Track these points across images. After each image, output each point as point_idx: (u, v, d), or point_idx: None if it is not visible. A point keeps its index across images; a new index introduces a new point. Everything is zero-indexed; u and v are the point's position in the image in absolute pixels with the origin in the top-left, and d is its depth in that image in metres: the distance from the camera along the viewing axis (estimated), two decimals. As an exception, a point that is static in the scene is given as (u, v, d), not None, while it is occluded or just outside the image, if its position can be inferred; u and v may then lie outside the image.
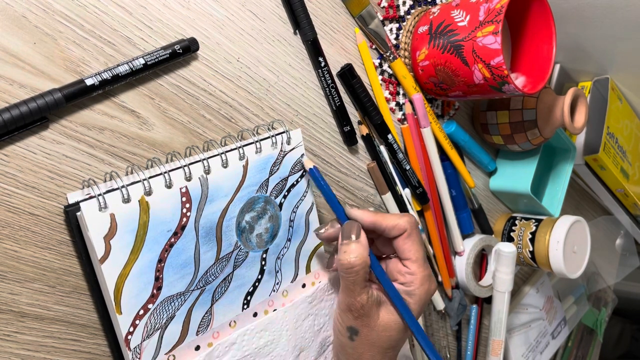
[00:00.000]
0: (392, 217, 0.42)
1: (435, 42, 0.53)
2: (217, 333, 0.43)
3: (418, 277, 0.42)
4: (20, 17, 0.33)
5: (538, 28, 0.55)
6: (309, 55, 0.49)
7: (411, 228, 0.42)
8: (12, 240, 0.34)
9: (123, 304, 0.36)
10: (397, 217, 0.42)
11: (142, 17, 0.38)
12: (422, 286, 0.42)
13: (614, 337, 1.43)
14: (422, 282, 0.42)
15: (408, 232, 0.42)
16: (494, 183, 0.69)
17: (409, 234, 0.42)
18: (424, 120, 0.56)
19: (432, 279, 0.43)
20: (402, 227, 0.42)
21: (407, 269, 0.42)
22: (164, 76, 0.40)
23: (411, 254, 0.42)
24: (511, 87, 0.50)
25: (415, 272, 0.42)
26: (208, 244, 0.41)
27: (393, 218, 0.42)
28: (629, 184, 0.78)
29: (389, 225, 0.42)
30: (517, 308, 0.76)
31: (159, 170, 0.38)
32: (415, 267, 0.42)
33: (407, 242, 0.42)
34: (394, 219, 0.42)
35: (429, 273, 0.43)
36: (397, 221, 0.42)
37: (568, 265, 0.64)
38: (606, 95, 0.73)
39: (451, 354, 0.67)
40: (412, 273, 0.42)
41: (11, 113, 0.32)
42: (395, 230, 0.42)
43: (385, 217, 0.42)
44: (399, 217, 0.42)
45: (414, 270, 0.42)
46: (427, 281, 0.42)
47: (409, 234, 0.42)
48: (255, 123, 0.46)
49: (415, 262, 0.42)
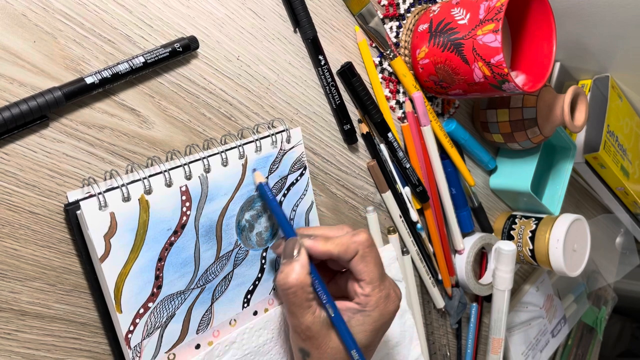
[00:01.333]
0: (342, 241, 0.40)
1: (435, 41, 0.53)
2: (217, 332, 0.43)
3: (373, 299, 0.40)
4: (20, 16, 0.33)
5: (538, 26, 0.55)
6: (309, 53, 0.49)
7: (363, 249, 0.40)
8: (12, 239, 0.34)
9: (123, 303, 0.37)
10: (347, 240, 0.40)
11: (142, 15, 0.38)
12: (377, 308, 0.40)
13: (613, 335, 1.43)
14: (376, 303, 0.40)
15: (360, 253, 0.40)
16: (494, 181, 0.69)
17: (361, 255, 0.40)
18: (424, 119, 0.56)
19: (390, 300, 0.41)
20: (353, 249, 0.40)
21: (361, 290, 0.40)
22: (164, 74, 0.40)
23: (364, 276, 0.40)
24: (511, 85, 0.50)
25: (370, 293, 0.40)
26: (208, 243, 0.41)
27: (343, 241, 0.40)
28: (629, 183, 0.78)
29: (340, 250, 0.40)
30: (517, 306, 0.76)
31: (159, 169, 0.38)
32: (369, 289, 0.40)
33: (360, 263, 0.40)
34: (344, 242, 0.40)
35: (387, 293, 0.41)
36: (347, 244, 0.40)
37: (568, 264, 0.64)
38: (606, 94, 0.73)
39: (451, 352, 0.67)
40: (366, 295, 0.40)
41: (11, 111, 0.32)
42: (347, 254, 0.40)
43: (336, 243, 0.40)
44: (350, 239, 0.40)
45: (368, 292, 0.40)
46: (384, 302, 0.40)
47: (362, 256, 0.40)
48: (255, 121, 0.46)
49: (369, 284, 0.40)
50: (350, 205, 0.54)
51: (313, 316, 0.39)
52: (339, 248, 0.40)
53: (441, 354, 0.65)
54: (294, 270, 0.38)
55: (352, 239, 0.40)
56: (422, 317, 0.62)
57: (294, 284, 0.38)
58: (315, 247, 0.40)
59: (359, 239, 0.40)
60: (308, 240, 0.40)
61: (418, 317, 0.59)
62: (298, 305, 0.38)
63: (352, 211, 0.54)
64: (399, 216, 0.56)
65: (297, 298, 0.38)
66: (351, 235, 0.40)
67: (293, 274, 0.38)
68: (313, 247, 0.40)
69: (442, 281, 0.62)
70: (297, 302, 0.38)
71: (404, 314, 0.55)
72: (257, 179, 0.43)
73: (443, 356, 0.65)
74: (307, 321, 0.39)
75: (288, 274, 0.38)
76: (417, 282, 0.60)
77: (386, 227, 0.57)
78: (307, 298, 0.38)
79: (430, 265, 0.60)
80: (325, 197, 0.51)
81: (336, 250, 0.40)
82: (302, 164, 0.47)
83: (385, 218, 0.57)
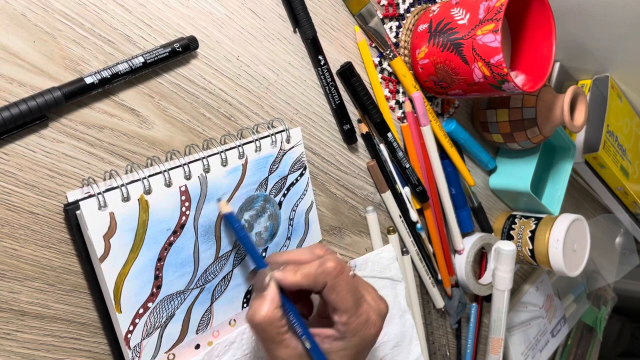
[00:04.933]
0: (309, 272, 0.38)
1: (435, 41, 0.53)
2: (217, 332, 0.43)
3: (351, 327, 0.39)
4: (20, 16, 0.33)
5: (538, 26, 0.55)
6: (309, 53, 0.49)
7: (332, 279, 0.38)
8: (11, 239, 0.34)
9: (123, 303, 0.37)
10: (314, 270, 0.38)
11: (141, 15, 0.38)
12: (355, 335, 0.39)
13: (613, 335, 1.43)
14: (355, 330, 0.39)
15: (329, 285, 0.38)
16: (493, 181, 0.69)
17: (330, 287, 0.38)
18: (424, 119, 0.56)
19: (369, 323, 0.39)
20: (320, 282, 0.38)
21: (338, 318, 0.39)
22: (164, 74, 0.40)
23: (338, 305, 0.38)
24: (511, 85, 0.50)
25: (347, 321, 0.38)
26: (207, 243, 0.41)
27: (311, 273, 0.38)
28: (629, 182, 0.78)
29: (309, 282, 0.38)
30: (516, 306, 0.76)
31: (159, 169, 0.38)
32: (345, 318, 0.38)
33: (331, 294, 0.38)
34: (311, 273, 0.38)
35: (366, 318, 0.39)
36: (314, 276, 0.38)
37: (568, 264, 0.64)
38: (606, 94, 0.73)
39: (451, 352, 0.67)
40: (344, 323, 0.39)
41: (11, 111, 0.32)
42: (316, 286, 0.38)
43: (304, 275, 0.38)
44: (317, 269, 0.38)
45: (345, 320, 0.38)
46: (363, 327, 0.39)
47: (331, 287, 0.38)
48: (255, 121, 0.46)
49: (344, 313, 0.38)
50: (350, 205, 0.54)
51: (288, 349, 0.38)
52: (307, 280, 0.38)
53: (441, 354, 0.65)
54: (261, 306, 0.37)
55: (319, 270, 0.38)
56: (422, 317, 0.62)
57: (261, 321, 0.37)
58: (284, 279, 0.38)
59: (326, 269, 0.38)
60: (278, 272, 0.39)
61: (418, 317, 0.59)
62: (270, 340, 0.37)
63: (351, 211, 0.54)
64: (398, 216, 0.56)
65: (267, 334, 0.37)
66: (318, 264, 0.38)
67: (261, 310, 0.37)
68: (282, 279, 0.38)
69: (442, 281, 0.62)
70: (267, 338, 0.37)
71: (404, 314, 0.55)
72: (223, 209, 0.41)
73: (443, 356, 0.65)
74: (282, 355, 0.37)
75: (256, 310, 0.37)
76: (417, 282, 0.60)
77: (386, 227, 0.57)
78: (278, 332, 0.37)
79: (430, 265, 0.60)
80: (325, 197, 0.51)
81: (305, 282, 0.38)
82: (302, 164, 0.47)
83: (385, 218, 0.57)
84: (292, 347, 0.38)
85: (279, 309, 0.37)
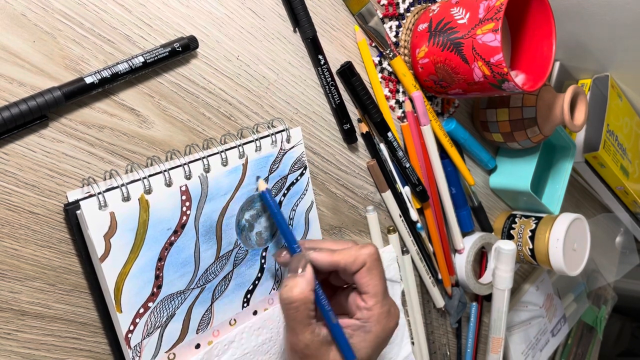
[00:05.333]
0: (350, 252, 0.40)
1: (434, 40, 0.53)
2: (217, 331, 0.43)
3: (375, 314, 0.39)
4: (20, 16, 0.33)
5: (538, 25, 0.55)
6: (309, 53, 0.49)
7: (371, 261, 0.39)
8: (12, 239, 0.34)
9: (123, 303, 0.37)
10: (355, 251, 0.39)
11: (141, 15, 0.38)
12: (378, 323, 0.39)
13: (613, 334, 1.43)
14: (378, 319, 0.39)
15: (367, 265, 0.39)
16: (493, 181, 0.69)
17: (368, 268, 0.39)
18: (424, 118, 0.56)
19: (391, 316, 0.40)
20: (360, 261, 0.39)
21: (364, 303, 0.40)
22: (164, 74, 0.40)
23: (369, 288, 0.39)
24: (511, 84, 0.50)
25: (373, 307, 0.39)
26: (208, 243, 0.41)
27: (351, 252, 0.39)
28: (629, 182, 0.78)
29: (348, 261, 0.39)
30: (517, 306, 0.76)
31: (159, 169, 0.38)
32: (372, 303, 0.39)
33: (366, 276, 0.39)
34: (352, 253, 0.39)
35: (389, 309, 0.40)
36: (355, 255, 0.39)
37: (568, 263, 0.64)
38: (606, 93, 0.73)
39: (451, 352, 0.67)
40: (369, 309, 0.39)
41: (11, 111, 0.32)
42: (354, 265, 0.39)
43: (343, 254, 0.39)
44: (358, 250, 0.39)
45: (371, 305, 0.39)
46: (385, 318, 0.40)
47: (369, 268, 0.39)
48: (255, 121, 0.46)
49: (373, 297, 0.39)
50: (350, 205, 0.54)
51: (312, 334, 0.38)
52: (347, 259, 0.39)
53: (441, 354, 0.65)
54: (298, 285, 0.37)
55: (360, 251, 0.39)
56: (422, 317, 0.62)
57: (297, 299, 0.37)
58: (321, 258, 0.39)
59: (367, 251, 0.39)
60: (313, 252, 0.40)
61: (418, 316, 0.59)
62: (299, 321, 0.37)
63: (352, 211, 0.54)
64: (398, 216, 0.56)
65: (299, 314, 0.37)
66: (359, 247, 0.40)
67: (297, 288, 0.37)
68: (319, 258, 0.39)
69: (442, 281, 0.62)
70: (298, 318, 0.37)
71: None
72: (261, 186, 0.42)
73: (443, 355, 0.66)
74: (305, 339, 0.38)
75: (292, 288, 0.37)
76: (417, 282, 0.60)
77: (386, 227, 0.57)
78: (309, 315, 0.38)
79: (430, 265, 0.60)
80: (325, 197, 0.51)
81: (343, 261, 0.39)
82: (302, 163, 0.47)
83: (385, 217, 0.57)
84: (316, 333, 0.38)
85: (313, 292, 0.38)
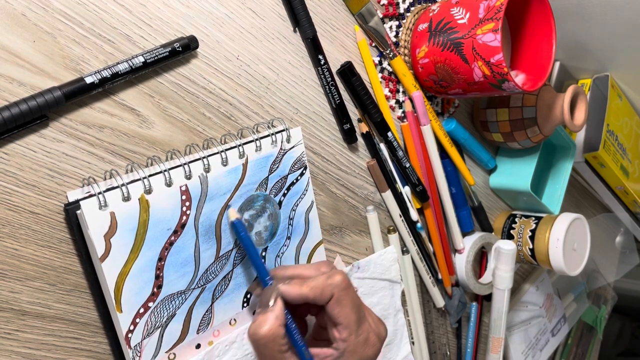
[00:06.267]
0: (317, 284, 0.39)
1: (435, 40, 0.53)
2: (217, 331, 0.43)
3: (350, 344, 0.39)
4: (20, 16, 0.33)
5: (538, 25, 0.55)
6: (309, 53, 0.49)
7: (339, 291, 0.38)
8: (12, 239, 0.34)
9: (123, 302, 0.37)
10: (322, 283, 0.39)
11: (141, 15, 0.38)
12: (354, 354, 0.39)
13: (613, 334, 1.43)
14: (354, 349, 0.39)
15: (336, 297, 0.38)
16: (493, 181, 0.69)
17: (336, 299, 0.38)
18: (424, 118, 0.56)
19: (368, 344, 0.40)
20: (328, 292, 0.38)
21: (339, 334, 0.39)
22: (164, 74, 0.40)
23: (341, 319, 0.39)
24: (511, 84, 0.50)
25: (347, 338, 0.39)
26: (208, 242, 0.41)
27: (318, 285, 0.38)
28: (629, 182, 0.78)
29: (316, 294, 0.38)
30: (516, 305, 0.76)
31: (159, 169, 0.38)
32: (346, 334, 0.39)
33: (336, 307, 0.38)
34: (318, 286, 0.38)
35: (365, 338, 0.39)
36: (321, 288, 0.38)
37: (568, 263, 0.64)
38: (606, 93, 0.73)
39: (451, 352, 0.67)
40: (343, 340, 0.39)
41: (11, 111, 0.32)
42: (322, 297, 0.38)
43: (312, 286, 0.39)
44: (325, 282, 0.39)
45: (345, 337, 0.39)
46: (362, 347, 0.39)
47: (337, 299, 0.38)
48: (255, 121, 0.46)
49: (345, 329, 0.39)
50: (350, 205, 0.54)
51: None
52: (314, 292, 0.38)
53: (441, 353, 0.65)
54: (267, 321, 0.37)
55: (327, 282, 0.39)
56: (422, 317, 0.62)
57: (264, 335, 0.37)
58: (290, 291, 0.39)
59: (334, 281, 0.39)
60: (283, 285, 0.39)
61: (418, 316, 0.59)
62: (269, 357, 0.37)
63: (352, 210, 0.54)
64: (398, 215, 0.56)
65: (268, 350, 0.37)
66: (326, 277, 0.39)
67: (266, 325, 0.37)
68: (288, 292, 0.39)
69: (442, 280, 0.62)
70: (268, 354, 0.37)
71: (397, 313, 0.55)
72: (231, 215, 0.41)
73: (443, 355, 0.66)
74: None
75: (260, 324, 0.37)
76: (417, 282, 0.60)
77: (386, 227, 0.57)
78: (280, 350, 0.37)
79: (430, 265, 0.60)
80: (325, 197, 0.51)
81: (311, 294, 0.38)
82: (303, 163, 0.47)
83: (385, 217, 0.57)
84: None
85: (283, 327, 0.37)
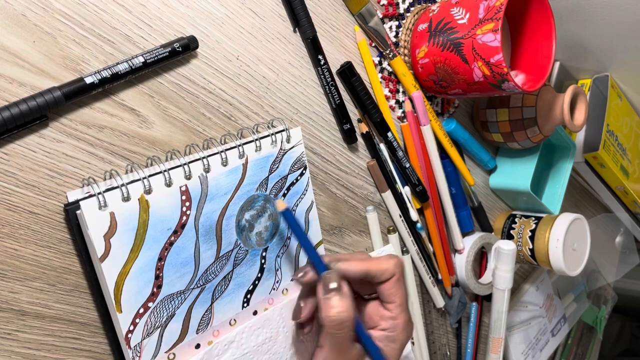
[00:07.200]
0: (380, 262, 0.40)
1: (434, 40, 0.53)
2: (217, 331, 0.43)
3: (401, 323, 0.40)
4: (20, 16, 0.33)
5: (538, 25, 0.55)
6: (309, 53, 0.49)
7: (399, 272, 0.40)
8: (12, 239, 0.34)
9: (123, 303, 0.37)
10: (384, 261, 0.40)
11: (141, 15, 0.38)
12: (404, 331, 0.40)
13: (613, 334, 1.43)
14: (404, 327, 0.40)
15: (397, 276, 0.40)
16: (493, 181, 0.69)
17: (397, 278, 0.40)
18: (424, 118, 0.56)
19: (410, 324, 0.41)
20: (391, 271, 0.39)
21: (390, 313, 0.40)
22: (164, 74, 0.40)
23: (396, 298, 0.40)
24: (511, 84, 0.50)
25: (398, 317, 0.40)
26: (208, 243, 0.41)
27: (381, 262, 0.40)
28: (629, 182, 0.78)
29: (378, 271, 0.39)
30: (516, 306, 0.76)
31: (159, 169, 0.38)
32: (398, 312, 0.40)
33: (394, 286, 0.39)
34: (381, 263, 0.40)
35: (409, 317, 0.41)
36: (385, 266, 0.39)
37: (568, 263, 0.64)
38: (606, 93, 0.73)
39: (451, 352, 0.67)
40: (394, 318, 0.40)
41: (11, 111, 0.32)
42: (384, 275, 0.39)
43: (374, 263, 0.40)
44: (387, 261, 0.40)
45: (396, 314, 0.40)
46: (409, 326, 0.40)
47: (398, 278, 0.40)
48: (255, 121, 0.46)
49: (399, 306, 0.40)
50: (350, 205, 0.54)
51: (356, 350, 0.38)
52: (377, 267, 0.39)
53: (441, 354, 0.65)
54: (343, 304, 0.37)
55: (389, 261, 0.40)
56: (422, 317, 0.62)
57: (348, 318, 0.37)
58: (353, 267, 0.39)
59: (395, 260, 0.40)
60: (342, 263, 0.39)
61: (418, 316, 0.59)
62: (348, 339, 0.37)
63: (351, 211, 0.54)
64: (398, 216, 0.56)
65: (350, 332, 0.37)
66: (387, 258, 0.40)
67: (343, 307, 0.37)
68: (351, 268, 0.39)
69: (442, 281, 0.62)
70: (347, 336, 0.37)
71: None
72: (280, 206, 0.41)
73: (443, 356, 0.66)
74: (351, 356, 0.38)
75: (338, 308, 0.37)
76: (417, 282, 0.60)
77: (386, 227, 0.57)
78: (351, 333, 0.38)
79: (430, 265, 0.60)
80: (325, 197, 0.51)
81: (374, 269, 0.39)
82: (303, 163, 0.47)
83: (385, 218, 0.57)
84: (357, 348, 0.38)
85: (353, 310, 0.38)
